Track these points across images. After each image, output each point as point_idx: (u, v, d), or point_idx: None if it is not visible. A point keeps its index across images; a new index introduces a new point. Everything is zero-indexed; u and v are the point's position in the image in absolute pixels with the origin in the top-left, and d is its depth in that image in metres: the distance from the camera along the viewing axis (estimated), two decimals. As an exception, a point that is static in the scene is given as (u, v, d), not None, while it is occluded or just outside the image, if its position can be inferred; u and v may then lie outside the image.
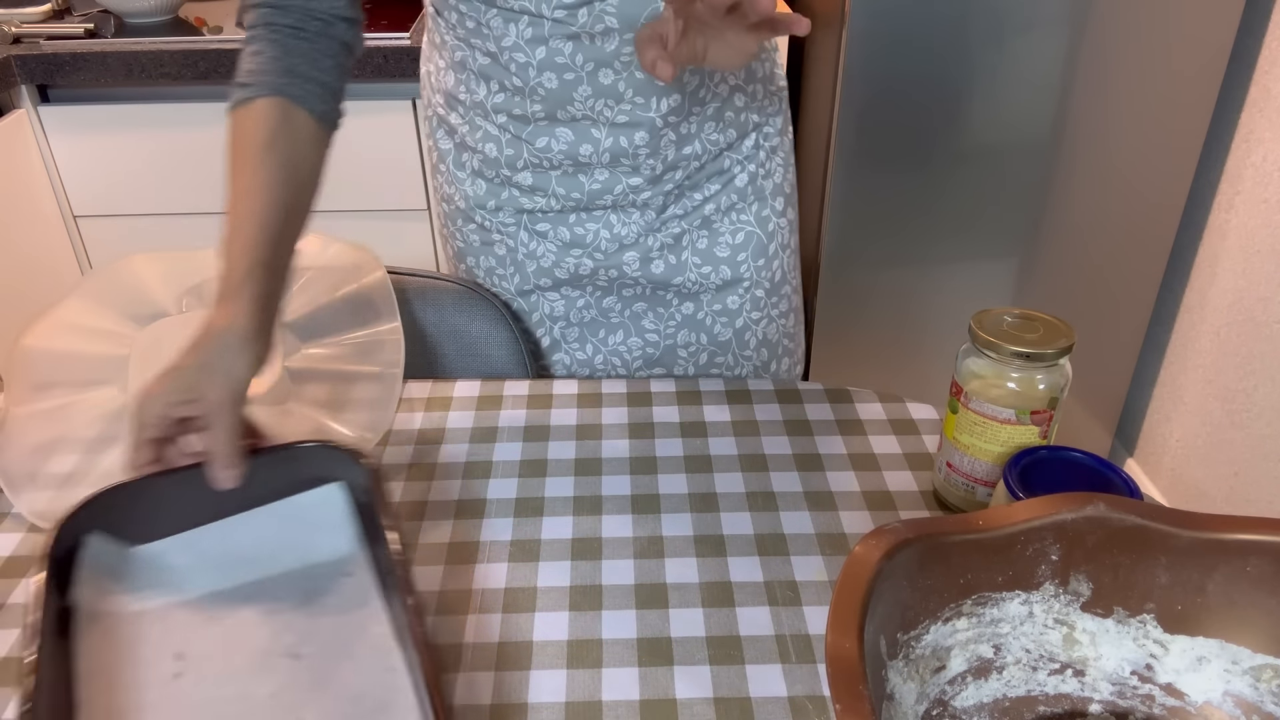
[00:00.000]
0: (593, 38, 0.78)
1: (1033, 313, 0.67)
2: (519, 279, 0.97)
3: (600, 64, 0.80)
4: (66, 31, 1.64)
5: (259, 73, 0.72)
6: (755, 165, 0.94)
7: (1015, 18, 1.49)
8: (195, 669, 0.57)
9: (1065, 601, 0.54)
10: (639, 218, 0.91)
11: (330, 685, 0.55)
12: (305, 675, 0.56)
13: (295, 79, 0.72)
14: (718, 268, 0.95)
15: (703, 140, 0.88)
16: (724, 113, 0.89)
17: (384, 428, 0.81)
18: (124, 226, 1.77)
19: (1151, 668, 0.54)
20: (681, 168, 0.89)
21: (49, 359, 0.82)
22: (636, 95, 0.82)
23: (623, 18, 0.77)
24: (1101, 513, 0.52)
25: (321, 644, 0.58)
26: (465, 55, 0.85)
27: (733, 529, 0.71)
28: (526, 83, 0.82)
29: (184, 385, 0.60)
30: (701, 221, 0.93)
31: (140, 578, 0.62)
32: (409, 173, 1.72)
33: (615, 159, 0.86)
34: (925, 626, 0.52)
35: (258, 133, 0.70)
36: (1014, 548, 0.52)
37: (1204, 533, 0.51)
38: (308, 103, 0.72)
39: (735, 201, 0.93)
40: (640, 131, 0.84)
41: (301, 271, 0.90)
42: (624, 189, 0.88)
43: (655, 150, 0.86)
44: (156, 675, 0.56)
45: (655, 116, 0.83)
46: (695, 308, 0.97)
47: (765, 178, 0.95)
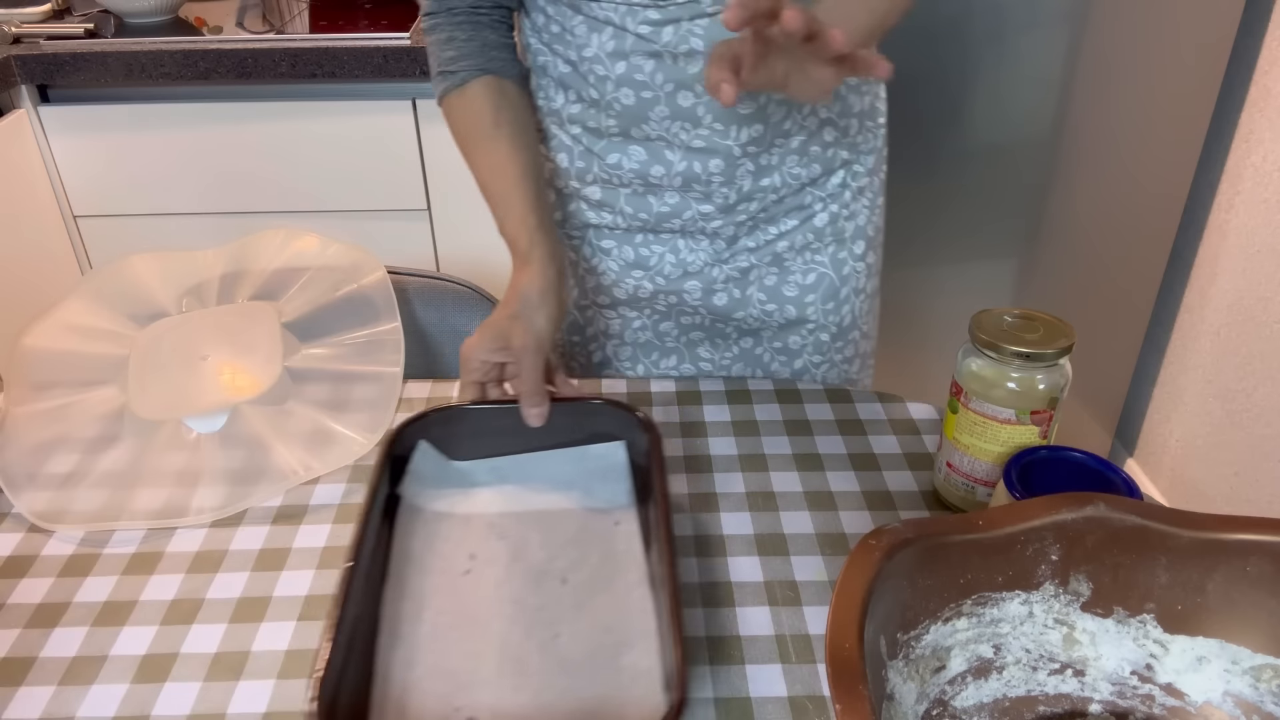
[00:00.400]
0: (675, 58, 0.75)
1: (1033, 313, 0.67)
2: (577, 293, 0.94)
3: (680, 85, 0.77)
4: (66, 31, 1.64)
5: (459, 58, 0.78)
6: (839, 205, 0.89)
7: (1016, 18, 1.49)
8: (481, 570, 0.66)
9: (1065, 601, 0.54)
10: (707, 245, 0.88)
11: (587, 612, 0.63)
12: (569, 598, 0.64)
13: (493, 54, 0.78)
14: (783, 306, 0.91)
15: (783, 173, 0.85)
16: (809, 147, 0.84)
17: (384, 428, 0.81)
18: (124, 226, 1.77)
19: (1151, 668, 0.54)
20: (757, 199, 0.85)
21: (49, 359, 0.82)
22: (715, 121, 0.79)
23: (709, 40, 0.74)
24: (1101, 513, 0.52)
25: (586, 576, 0.65)
26: (547, 61, 0.83)
27: (732, 529, 0.71)
28: (603, 96, 0.79)
29: (497, 334, 0.71)
30: (773, 258, 0.89)
31: (451, 487, 0.72)
32: (409, 173, 1.72)
33: (687, 183, 0.83)
34: (925, 626, 0.52)
35: (483, 113, 0.78)
36: (1014, 548, 0.52)
37: (1204, 533, 0.51)
38: (508, 71, 0.79)
39: (811, 241, 0.89)
40: (716, 159, 0.81)
41: (301, 271, 0.90)
42: (694, 215, 0.86)
43: (730, 179, 0.83)
44: (451, 567, 0.66)
45: (733, 145, 0.80)
46: (754, 343, 0.94)
47: (848, 219, 0.89)
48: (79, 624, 0.63)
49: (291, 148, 1.69)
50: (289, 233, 0.93)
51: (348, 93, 1.68)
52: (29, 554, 0.70)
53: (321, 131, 1.67)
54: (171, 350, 0.82)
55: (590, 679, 0.58)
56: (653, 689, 0.57)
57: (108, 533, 0.71)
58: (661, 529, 0.62)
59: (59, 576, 0.67)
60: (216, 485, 0.74)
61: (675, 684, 0.52)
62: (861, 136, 0.88)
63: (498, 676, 0.58)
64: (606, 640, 0.60)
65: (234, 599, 0.65)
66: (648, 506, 0.70)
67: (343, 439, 0.79)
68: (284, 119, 1.66)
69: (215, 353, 0.82)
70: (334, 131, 1.67)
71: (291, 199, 1.74)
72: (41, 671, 0.60)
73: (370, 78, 1.61)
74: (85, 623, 0.64)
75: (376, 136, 1.68)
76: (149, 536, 0.71)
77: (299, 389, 0.82)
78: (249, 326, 0.85)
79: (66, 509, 0.72)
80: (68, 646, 0.62)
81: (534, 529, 0.69)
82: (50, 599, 0.66)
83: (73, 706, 0.58)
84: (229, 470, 0.75)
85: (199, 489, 0.74)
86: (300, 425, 0.79)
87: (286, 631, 0.63)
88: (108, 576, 0.67)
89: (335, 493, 0.75)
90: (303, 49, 1.57)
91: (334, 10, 1.79)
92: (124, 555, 0.69)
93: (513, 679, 0.58)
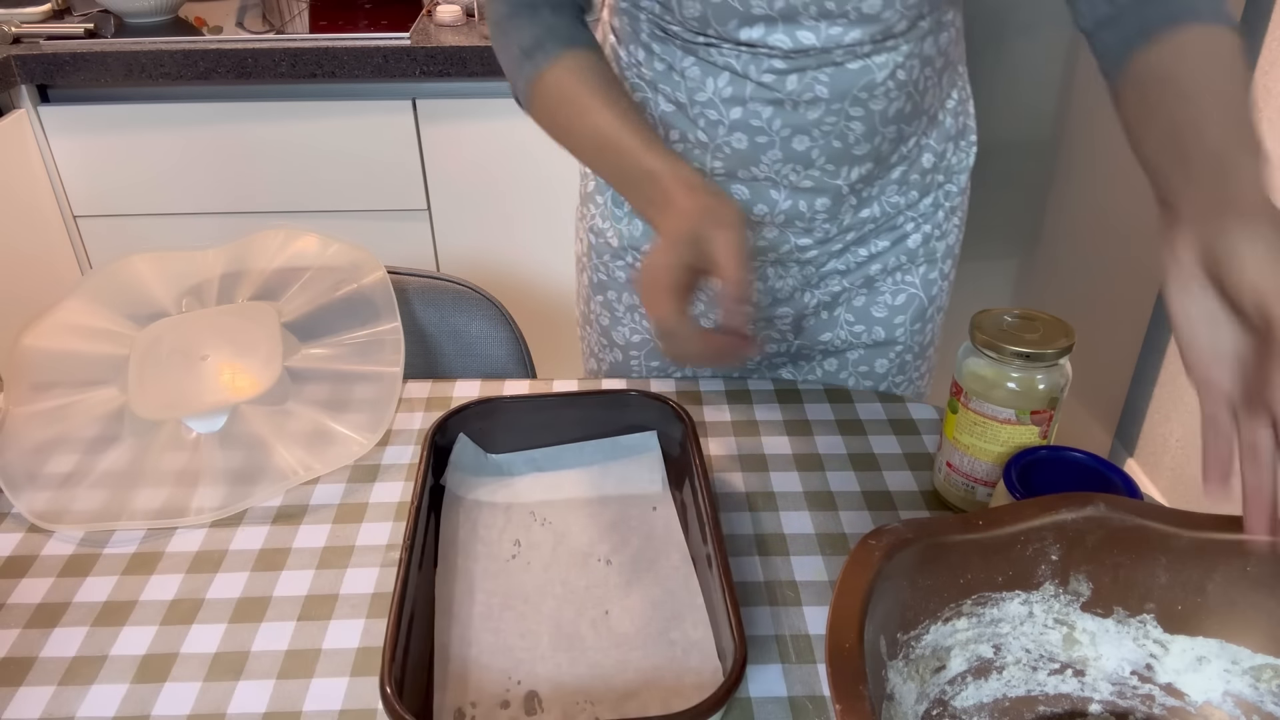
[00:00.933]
0: (796, 104, 0.73)
1: (1033, 312, 0.67)
2: None
3: (797, 130, 0.74)
4: (66, 31, 1.64)
5: (543, 37, 0.72)
6: (931, 225, 0.87)
7: (1016, 18, 1.49)
8: (528, 555, 0.68)
9: (1065, 601, 0.54)
10: (797, 272, 0.86)
11: (634, 589, 0.65)
12: (615, 578, 0.66)
13: (580, 34, 0.74)
14: (871, 328, 0.89)
15: (882, 203, 0.83)
16: (909, 175, 0.83)
17: (384, 428, 0.81)
18: (124, 226, 1.77)
19: (1151, 668, 0.54)
20: (855, 229, 0.84)
21: (49, 359, 0.82)
22: (828, 163, 0.77)
23: (834, 88, 0.72)
24: (1101, 513, 0.52)
25: (629, 557, 0.68)
26: (646, 96, 0.80)
27: (733, 529, 0.71)
28: (713, 139, 0.77)
29: (696, 222, 0.61)
30: (864, 280, 0.87)
31: (492, 478, 0.75)
32: (409, 173, 1.72)
33: (790, 220, 0.81)
34: (925, 626, 0.52)
35: (582, 78, 0.71)
36: (1014, 548, 0.52)
37: (1204, 533, 0.51)
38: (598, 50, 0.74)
39: (904, 262, 0.87)
40: (823, 197, 0.79)
41: (301, 271, 0.90)
42: (791, 248, 0.84)
43: (834, 216, 0.81)
44: (497, 553, 0.68)
45: (843, 184, 0.78)
46: (839, 366, 0.91)
47: (939, 239, 0.88)
48: (79, 624, 0.63)
49: (291, 148, 1.69)
50: (289, 233, 0.93)
51: (348, 93, 1.68)
52: (29, 554, 0.70)
53: (321, 131, 1.67)
54: (171, 350, 0.82)
55: (645, 651, 0.60)
56: (708, 657, 0.59)
57: (107, 533, 0.71)
58: (705, 500, 0.65)
59: (59, 576, 0.67)
60: (216, 485, 0.74)
61: (735, 639, 0.54)
62: (956, 157, 0.86)
63: (553, 652, 0.60)
64: (656, 615, 0.63)
65: (234, 599, 0.65)
66: (682, 492, 0.73)
67: (342, 439, 0.79)
68: (284, 119, 1.66)
69: (215, 353, 0.82)
70: (334, 131, 1.67)
71: (291, 199, 1.74)
72: (41, 671, 0.60)
73: (370, 78, 1.61)
74: (85, 623, 0.64)
75: (376, 136, 1.68)
76: (149, 536, 0.71)
77: (299, 389, 0.82)
78: (249, 326, 0.85)
79: (66, 509, 0.72)
80: (67, 646, 0.62)
81: (574, 516, 0.72)
82: (50, 599, 0.66)
83: (72, 706, 0.58)
84: (229, 470, 0.75)
85: (199, 489, 0.74)
86: (300, 425, 0.79)
87: (286, 632, 0.63)
88: (107, 576, 0.67)
89: (335, 493, 0.75)
90: (303, 49, 1.57)
91: (334, 10, 1.79)
92: (124, 555, 0.69)
93: (568, 653, 0.60)
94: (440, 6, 1.72)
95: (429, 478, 0.70)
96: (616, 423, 0.77)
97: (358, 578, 0.67)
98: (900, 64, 0.73)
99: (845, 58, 0.71)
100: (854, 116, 0.74)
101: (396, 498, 0.75)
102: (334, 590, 0.66)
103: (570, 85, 0.71)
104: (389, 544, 0.70)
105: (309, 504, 0.74)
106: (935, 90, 0.79)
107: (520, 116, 1.67)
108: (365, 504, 0.74)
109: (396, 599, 0.57)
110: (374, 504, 0.74)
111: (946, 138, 0.84)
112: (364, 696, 0.58)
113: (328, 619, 0.64)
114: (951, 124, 0.84)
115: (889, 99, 0.74)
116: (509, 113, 1.66)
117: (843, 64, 0.71)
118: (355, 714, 0.57)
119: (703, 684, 0.57)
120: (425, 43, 1.59)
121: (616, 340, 0.94)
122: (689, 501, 0.70)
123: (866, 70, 0.72)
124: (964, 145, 0.87)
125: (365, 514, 0.73)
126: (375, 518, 0.73)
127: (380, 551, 0.69)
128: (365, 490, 0.75)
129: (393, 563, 0.68)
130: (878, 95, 0.73)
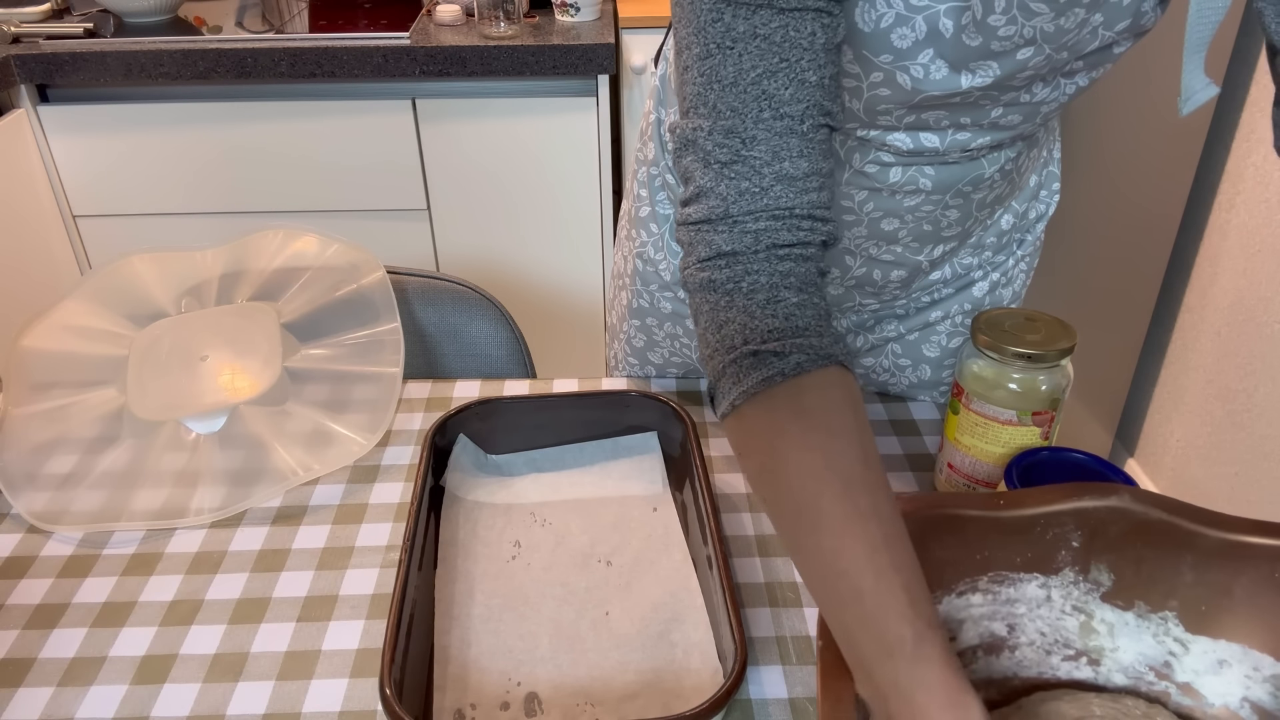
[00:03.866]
0: (894, 192, 0.67)
1: (1034, 313, 0.67)
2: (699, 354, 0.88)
3: (889, 213, 0.69)
4: (66, 31, 1.63)
5: (790, 331, 0.49)
6: (1000, 274, 0.81)
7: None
8: (528, 556, 0.68)
9: (1085, 589, 0.53)
10: (853, 317, 0.82)
11: (634, 590, 0.65)
12: (615, 579, 0.66)
13: (825, 323, 0.50)
14: (918, 365, 0.83)
15: (954, 265, 0.78)
16: (986, 239, 0.78)
17: (384, 428, 0.80)
18: (124, 226, 1.77)
19: (1170, 665, 0.53)
20: (923, 290, 0.79)
21: (48, 359, 0.82)
22: (914, 241, 0.72)
23: (939, 182, 0.67)
24: (1125, 504, 0.51)
25: (630, 558, 0.68)
26: None
27: (733, 530, 0.71)
28: None
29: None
30: (922, 325, 0.82)
31: (492, 479, 0.75)
32: (409, 173, 1.72)
33: (861, 285, 0.76)
34: (938, 597, 0.52)
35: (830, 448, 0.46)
36: (1033, 530, 0.52)
37: (1233, 534, 0.50)
38: (849, 359, 0.51)
39: (967, 309, 0.81)
40: (900, 270, 0.75)
41: (301, 272, 0.90)
42: (854, 304, 0.79)
43: (907, 285, 0.77)
44: (497, 554, 0.68)
45: (924, 260, 0.74)
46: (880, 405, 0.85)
47: (1005, 285, 0.81)
48: (78, 625, 0.63)
49: (291, 147, 1.68)
50: (288, 233, 0.93)
51: (348, 92, 1.67)
52: (28, 555, 0.69)
53: (321, 131, 1.67)
54: (170, 351, 0.82)
55: (645, 652, 0.60)
56: (708, 659, 0.59)
57: (107, 533, 0.71)
58: (706, 501, 0.65)
59: (58, 577, 0.67)
60: (216, 486, 0.74)
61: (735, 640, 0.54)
62: (1035, 211, 0.80)
63: (553, 653, 0.60)
64: (656, 616, 0.62)
65: (233, 600, 0.65)
66: (682, 493, 0.73)
67: (342, 439, 0.79)
68: (284, 119, 1.66)
69: (214, 353, 0.82)
70: (334, 131, 1.67)
71: (291, 199, 1.74)
72: (40, 672, 0.60)
73: (370, 78, 1.61)
74: (84, 623, 0.63)
75: (376, 136, 1.67)
76: (148, 537, 0.71)
77: (298, 389, 0.82)
78: (248, 327, 0.85)
79: (65, 510, 0.72)
80: (67, 647, 0.62)
81: (574, 516, 0.72)
82: (49, 600, 0.65)
83: (72, 707, 0.57)
84: (228, 471, 0.75)
85: (198, 490, 0.74)
86: (300, 426, 0.79)
87: (286, 633, 0.63)
88: (107, 577, 0.67)
89: (335, 493, 0.75)
90: (302, 49, 1.57)
91: (334, 10, 1.79)
92: (123, 556, 0.69)
93: (568, 654, 0.60)
94: (440, 6, 1.72)
95: (429, 478, 0.70)
96: (617, 423, 0.77)
97: (357, 578, 0.67)
98: (1012, 158, 0.68)
99: (960, 158, 0.66)
100: (952, 205, 0.69)
101: (396, 498, 0.75)
102: (334, 591, 0.66)
103: (811, 458, 0.46)
104: (389, 545, 0.70)
105: (309, 505, 0.74)
106: (1034, 163, 0.75)
107: (520, 116, 1.67)
108: (365, 505, 0.74)
109: (396, 600, 0.57)
110: (374, 505, 0.74)
111: (1029, 197, 0.78)
112: (363, 698, 0.58)
113: (327, 620, 0.64)
114: (1035, 180, 0.77)
115: (992, 189, 0.70)
116: (509, 112, 1.66)
117: (955, 162, 0.66)
118: (355, 715, 0.57)
119: (703, 685, 0.57)
120: (425, 42, 1.59)
121: (651, 359, 0.91)
122: (689, 502, 0.70)
123: (976, 166, 0.67)
124: (1044, 195, 0.80)
125: (365, 515, 0.73)
126: (375, 518, 0.73)
127: (380, 552, 0.69)
128: (365, 491, 0.75)
129: (392, 563, 0.68)
130: (982, 187, 0.69)
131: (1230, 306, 1.63)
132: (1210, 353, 1.70)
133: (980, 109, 0.61)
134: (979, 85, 0.57)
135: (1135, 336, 1.80)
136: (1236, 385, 1.62)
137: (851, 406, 0.48)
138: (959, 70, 0.56)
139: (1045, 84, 0.60)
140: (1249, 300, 1.58)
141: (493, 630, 0.62)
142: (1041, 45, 0.55)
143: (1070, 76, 0.60)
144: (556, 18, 1.76)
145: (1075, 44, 0.56)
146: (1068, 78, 0.61)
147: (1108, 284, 1.74)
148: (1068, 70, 0.59)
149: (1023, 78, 0.58)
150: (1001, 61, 0.56)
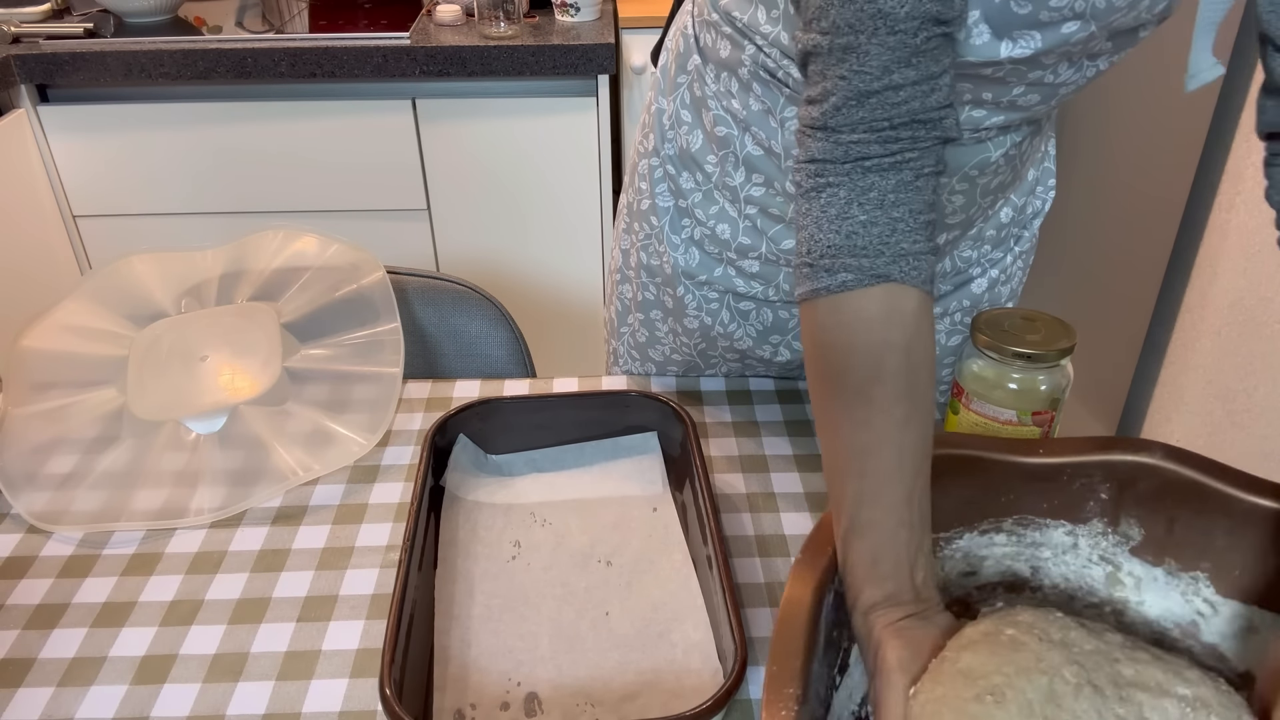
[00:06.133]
0: None
1: (1034, 313, 0.67)
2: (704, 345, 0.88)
3: None
4: (66, 31, 1.63)
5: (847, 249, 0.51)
6: (999, 270, 0.82)
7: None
8: (528, 556, 0.68)
9: (1114, 541, 0.53)
10: None
11: (634, 591, 0.65)
12: (615, 579, 0.66)
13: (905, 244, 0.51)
14: None
15: (954, 258, 0.79)
16: (985, 231, 0.78)
17: (384, 428, 0.81)
18: (124, 226, 1.77)
19: (1196, 625, 0.52)
20: None
21: (48, 359, 0.82)
22: None
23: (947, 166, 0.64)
24: (1157, 460, 0.51)
25: (630, 559, 0.68)
26: (730, 134, 0.73)
27: (733, 530, 0.71)
28: None
29: None
30: None
31: (492, 479, 0.75)
32: (409, 173, 1.72)
33: None
34: (959, 532, 0.52)
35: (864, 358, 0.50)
36: (1059, 478, 0.52)
37: (1269, 501, 0.49)
38: (914, 276, 0.51)
39: (966, 306, 0.83)
40: None
41: (301, 272, 0.90)
42: None
43: None
44: (497, 554, 0.68)
45: None
46: None
47: (1004, 283, 0.83)
48: (78, 625, 0.63)
49: (291, 147, 1.68)
50: (288, 233, 0.93)
51: (348, 92, 1.67)
52: (28, 555, 0.69)
53: (321, 131, 1.67)
54: (170, 351, 0.82)
55: (644, 652, 0.60)
56: (708, 659, 0.59)
57: (107, 533, 0.71)
58: (708, 512, 0.64)
59: (58, 577, 0.67)
60: (216, 486, 0.74)
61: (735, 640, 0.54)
62: (1032, 206, 0.81)
63: (553, 653, 0.60)
64: (656, 616, 0.63)
65: (233, 600, 0.65)
66: (682, 493, 0.73)
67: (342, 440, 0.79)
68: (283, 119, 1.66)
69: (214, 353, 0.82)
70: (334, 131, 1.67)
71: (291, 199, 1.74)
72: (40, 672, 0.60)
73: (370, 77, 1.61)
74: (84, 624, 0.63)
75: (376, 136, 1.67)
76: (148, 537, 0.71)
77: (298, 389, 0.82)
78: (248, 327, 0.85)
79: (65, 510, 0.72)
80: (67, 647, 0.62)
81: (574, 517, 0.72)
82: (49, 600, 0.65)
83: (71, 708, 0.57)
84: (228, 471, 0.75)
85: (198, 490, 0.74)
86: (299, 426, 0.79)
87: (286, 633, 0.63)
88: (107, 577, 0.67)
89: (334, 493, 0.75)
90: (302, 49, 1.57)
91: (334, 10, 1.79)
92: (123, 556, 0.69)
93: (568, 655, 0.60)
94: (440, 6, 1.72)
95: (429, 478, 0.70)
96: (616, 423, 0.77)
97: (357, 579, 0.67)
98: (1017, 142, 0.68)
99: (969, 140, 0.65)
100: (958, 190, 0.70)
101: (396, 498, 0.75)
102: (333, 591, 0.66)
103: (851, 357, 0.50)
104: (388, 545, 0.70)
105: (308, 505, 0.74)
106: (1034, 154, 0.75)
107: (519, 116, 1.67)
108: (365, 505, 0.74)
109: (396, 600, 0.57)
110: (374, 505, 0.74)
111: (1027, 191, 0.79)
112: (363, 698, 0.58)
113: (327, 620, 0.64)
114: (1033, 175, 0.78)
115: (996, 174, 0.70)
116: (509, 112, 1.66)
117: (964, 144, 0.65)
118: (355, 715, 0.57)
119: (703, 685, 0.57)
120: (425, 42, 1.59)
121: (652, 356, 0.91)
122: (689, 502, 0.70)
123: (983, 149, 0.66)
124: (1040, 191, 0.81)
125: (365, 515, 0.73)
126: (375, 518, 0.73)
127: (380, 552, 0.69)
128: (365, 491, 0.75)
129: (392, 564, 0.68)
130: (987, 172, 0.69)
131: (1230, 306, 1.63)
132: (1210, 352, 1.70)
133: (1004, 85, 0.61)
134: (1017, 56, 0.57)
135: (1135, 336, 1.80)
136: (1236, 385, 1.62)
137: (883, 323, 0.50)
138: (1001, 37, 0.56)
139: (1070, 64, 0.60)
140: (1249, 300, 1.58)
141: (493, 630, 0.62)
142: (1089, 21, 0.55)
143: (1094, 59, 0.61)
144: (556, 18, 1.76)
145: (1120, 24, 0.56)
146: (1091, 60, 0.61)
147: (1107, 284, 1.74)
148: (1094, 52, 0.60)
149: (1058, 53, 0.58)
150: (1045, 33, 0.56)
